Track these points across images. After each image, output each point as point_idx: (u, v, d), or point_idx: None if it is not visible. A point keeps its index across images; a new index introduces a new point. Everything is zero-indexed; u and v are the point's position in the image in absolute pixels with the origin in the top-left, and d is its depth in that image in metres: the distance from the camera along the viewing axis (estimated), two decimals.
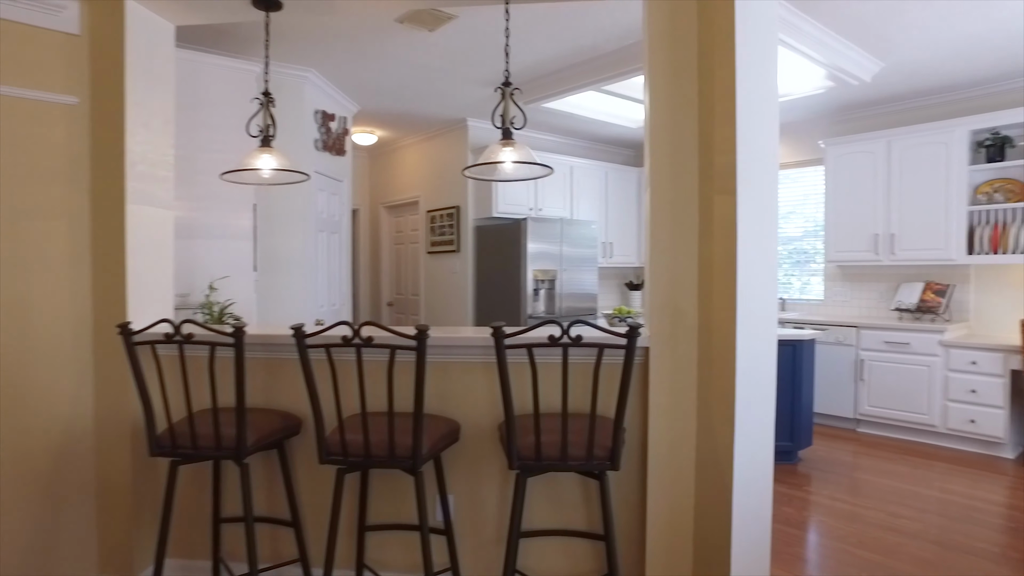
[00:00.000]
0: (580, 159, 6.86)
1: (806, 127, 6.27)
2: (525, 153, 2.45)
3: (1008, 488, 4.08)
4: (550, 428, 2.12)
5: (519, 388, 2.33)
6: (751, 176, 2.24)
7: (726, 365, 2.26)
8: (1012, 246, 4.81)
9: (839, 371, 5.45)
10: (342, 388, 2.23)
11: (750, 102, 2.23)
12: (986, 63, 4.58)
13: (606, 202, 7.12)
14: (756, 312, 2.27)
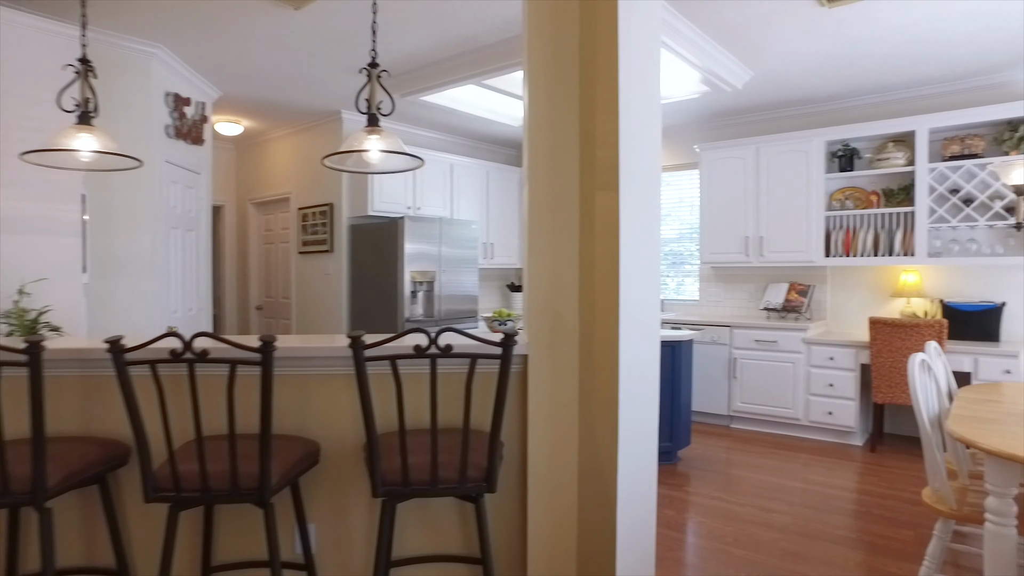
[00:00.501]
0: (461, 157, 6.67)
1: (683, 131, 6.45)
2: (393, 142, 2.21)
3: (858, 474, 4.33)
4: (419, 448, 1.91)
5: (385, 403, 2.09)
6: (634, 171, 2.14)
7: (609, 371, 2.14)
8: (861, 249, 5.16)
9: (714, 369, 5.63)
10: (176, 410, 1.89)
11: (633, 95, 2.13)
12: (838, 80, 4.87)
13: (487, 202, 6.98)
14: (639, 314, 2.18)
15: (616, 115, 2.09)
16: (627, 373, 2.14)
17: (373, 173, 2.60)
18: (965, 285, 5.05)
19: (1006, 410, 2.74)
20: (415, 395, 2.17)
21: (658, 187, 2.25)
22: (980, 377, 4.44)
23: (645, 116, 2.19)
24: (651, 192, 2.21)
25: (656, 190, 2.24)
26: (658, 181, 2.26)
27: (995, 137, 4.83)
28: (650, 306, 2.24)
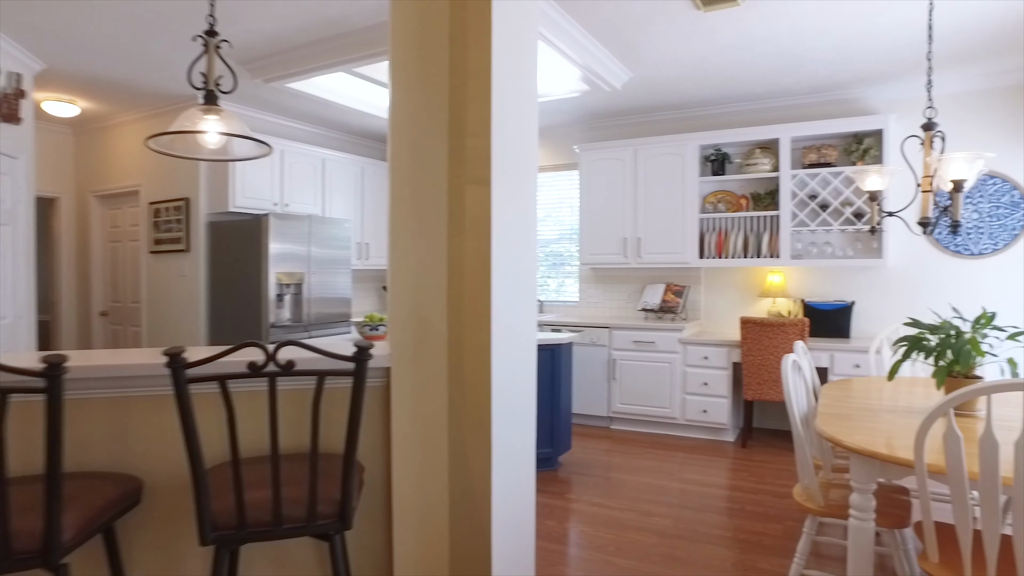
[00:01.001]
0: (334, 152, 6.27)
1: (562, 131, 6.43)
2: (235, 124, 1.90)
3: (731, 470, 4.45)
4: (259, 481, 1.62)
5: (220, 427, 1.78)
6: (508, 164, 1.96)
7: (481, 382, 1.95)
8: (732, 251, 5.34)
9: (593, 371, 5.62)
10: None
11: (507, 80, 1.95)
12: (711, 85, 5.01)
13: (362, 199, 6.62)
14: (514, 319, 2.00)
15: (488, 100, 1.90)
16: (501, 383, 1.96)
17: (206, 160, 2.24)
18: (822, 285, 5.35)
19: (864, 405, 2.83)
20: (257, 416, 1.87)
21: (534, 181, 2.10)
22: (836, 372, 4.70)
23: (521, 104, 2.02)
24: (527, 186, 2.05)
25: (532, 184, 2.08)
26: (534, 175, 2.10)
27: (845, 148, 5.15)
28: (526, 309, 2.07)
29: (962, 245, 4.91)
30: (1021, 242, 4.76)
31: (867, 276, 5.20)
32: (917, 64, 4.50)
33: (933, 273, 5.01)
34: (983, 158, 2.53)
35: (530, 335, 2.12)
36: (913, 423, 2.48)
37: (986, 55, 4.32)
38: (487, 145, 1.92)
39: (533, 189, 2.10)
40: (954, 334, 2.65)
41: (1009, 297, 4.80)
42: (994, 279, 4.84)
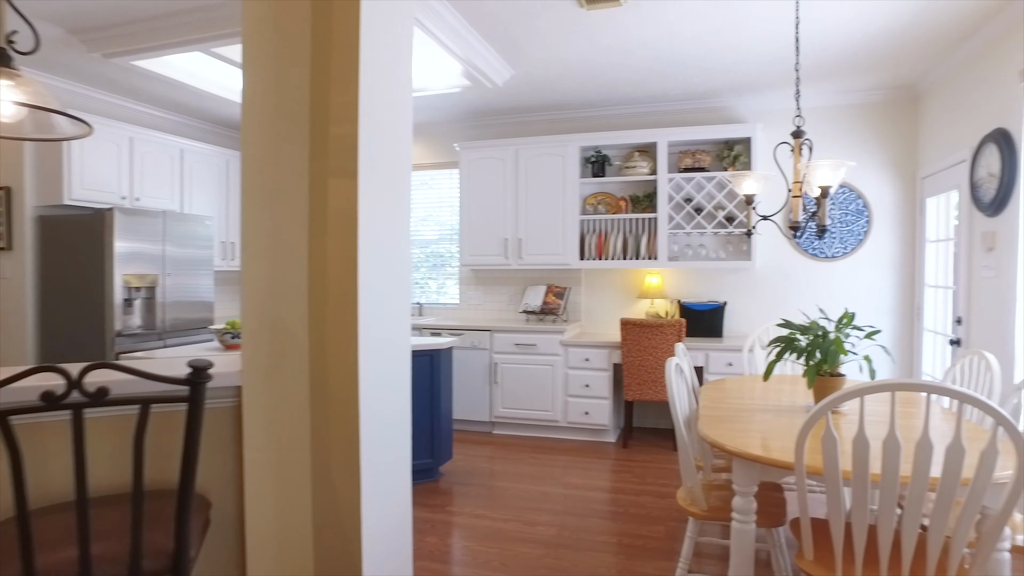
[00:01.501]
0: (195, 142, 5.70)
1: (442, 128, 6.24)
2: (34, 92, 1.55)
3: (613, 472, 4.46)
4: (61, 538, 1.31)
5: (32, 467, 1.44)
6: (378, 154, 1.75)
7: (347, 397, 1.73)
8: (612, 253, 5.39)
9: (475, 375, 5.48)
10: None
11: (377, 58, 1.74)
12: (594, 86, 5.02)
13: (227, 195, 6.08)
14: (385, 327, 1.80)
15: (356, 82, 1.69)
16: (370, 396, 1.75)
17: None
18: (697, 286, 5.53)
19: (741, 405, 2.88)
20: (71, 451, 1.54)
21: (407, 175, 1.90)
22: (710, 371, 4.86)
23: (393, 88, 1.82)
24: (399, 181, 1.85)
25: (405, 178, 1.88)
26: (408, 168, 1.90)
27: (718, 154, 5.36)
28: (398, 315, 1.87)
29: (819, 249, 5.25)
30: (865, 246, 5.15)
31: (737, 277, 5.44)
32: (782, 77, 4.73)
33: (795, 274, 5.32)
34: (846, 166, 2.63)
35: (403, 343, 1.92)
36: (787, 422, 2.54)
37: (840, 74, 4.62)
38: (354, 134, 1.70)
39: (406, 184, 1.90)
40: (822, 334, 2.75)
41: (857, 295, 5.18)
42: (845, 279, 5.20)
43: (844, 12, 3.61)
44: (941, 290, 4.63)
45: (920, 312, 4.92)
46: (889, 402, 1.76)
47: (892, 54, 4.29)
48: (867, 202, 5.13)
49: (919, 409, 2.72)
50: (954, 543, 1.81)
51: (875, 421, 2.48)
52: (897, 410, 2.68)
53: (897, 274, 5.11)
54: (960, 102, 4.25)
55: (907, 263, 5.09)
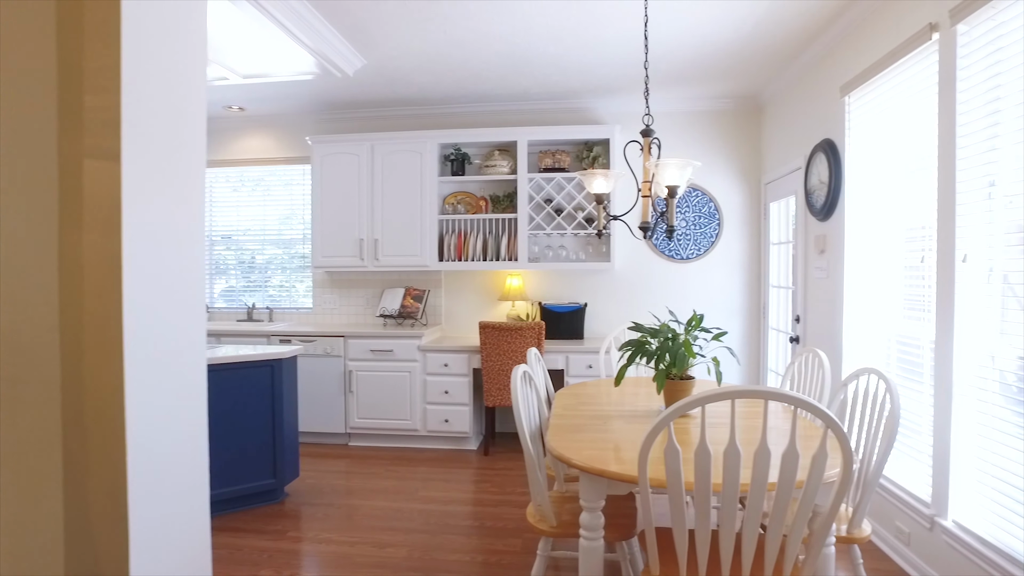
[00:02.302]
0: None
1: (293, 119, 5.79)
2: None
3: (473, 482, 4.29)
4: None
5: None
6: (151, 132, 1.43)
7: (111, 432, 1.39)
8: (472, 254, 5.23)
9: (328, 384, 5.10)
10: None
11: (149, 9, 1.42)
12: (451, 81, 4.82)
13: None
14: (163, 342, 1.48)
15: (118, 39, 1.36)
16: (144, 427, 1.43)
17: None
18: (558, 288, 5.50)
19: (595, 412, 2.79)
20: None
21: (199, 159, 1.59)
22: (571, 373, 4.82)
23: (175, 51, 1.50)
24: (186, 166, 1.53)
25: (195, 164, 1.57)
26: (199, 151, 1.59)
27: (577, 154, 5.36)
28: (188, 325, 1.56)
29: (674, 250, 5.39)
30: (717, 248, 5.35)
31: (597, 279, 5.46)
32: (639, 80, 4.79)
33: (652, 276, 5.42)
34: (692, 165, 2.61)
35: (195, 357, 1.61)
36: (640, 429, 2.46)
37: (692, 82, 4.75)
38: (116, 105, 1.37)
39: (197, 171, 1.58)
40: (671, 337, 2.72)
41: (710, 296, 5.37)
42: (698, 281, 5.38)
43: (693, 19, 3.66)
44: (783, 290, 4.88)
45: (765, 311, 5.18)
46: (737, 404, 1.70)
47: (737, 65, 4.45)
48: (718, 206, 5.34)
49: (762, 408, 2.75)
50: (789, 542, 1.79)
51: (721, 424, 2.47)
52: (741, 411, 2.72)
53: (745, 275, 5.35)
54: (795, 113, 4.50)
55: (754, 265, 5.34)
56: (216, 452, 3.69)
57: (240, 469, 3.71)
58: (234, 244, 5.97)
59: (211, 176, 5.97)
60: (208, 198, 5.97)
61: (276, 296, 5.92)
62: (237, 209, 5.96)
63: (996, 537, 2.42)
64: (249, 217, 5.94)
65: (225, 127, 5.90)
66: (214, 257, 6.00)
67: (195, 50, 1.60)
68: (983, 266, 2.58)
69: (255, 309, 5.84)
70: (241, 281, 5.98)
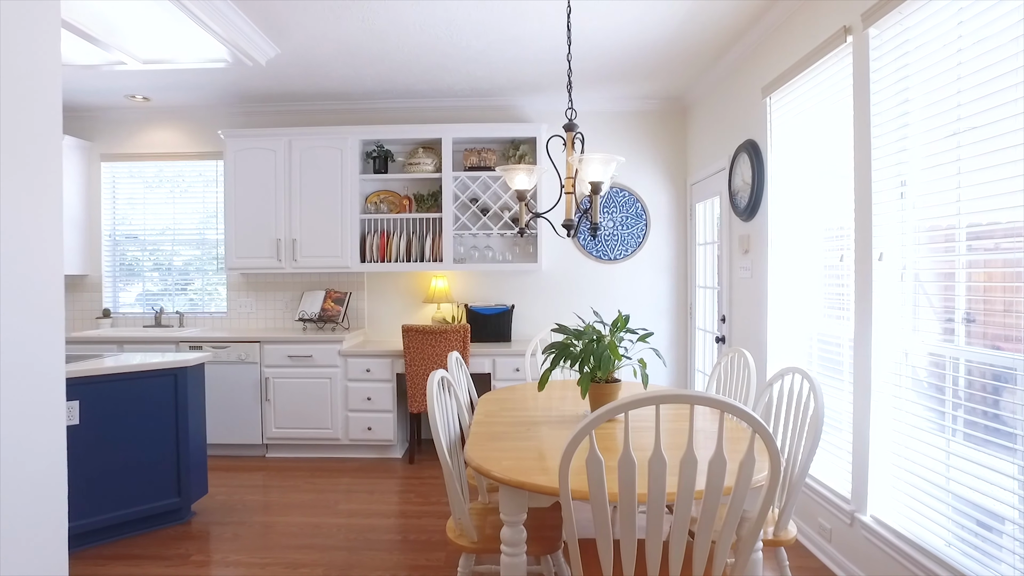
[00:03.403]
0: None
1: (205, 112, 5.44)
2: None
3: (397, 492, 4.11)
4: None
5: None
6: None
7: None
8: (395, 254, 5.04)
9: (243, 393, 4.80)
10: None
11: None
12: (372, 74, 4.62)
13: None
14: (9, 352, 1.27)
15: None
16: None
17: None
18: (484, 290, 5.38)
19: (518, 419, 2.69)
20: None
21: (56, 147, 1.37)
22: (498, 377, 4.71)
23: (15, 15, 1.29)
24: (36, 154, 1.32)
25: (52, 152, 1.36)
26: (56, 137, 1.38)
27: (504, 152, 5.25)
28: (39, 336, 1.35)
29: (602, 251, 5.36)
30: (644, 249, 5.36)
31: (524, 280, 5.38)
32: (564, 78, 4.73)
33: (580, 276, 5.38)
34: (616, 160, 2.54)
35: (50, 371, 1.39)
36: (565, 435, 2.37)
37: (617, 81, 4.73)
38: None
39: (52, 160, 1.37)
40: (595, 339, 2.64)
41: (638, 296, 5.37)
42: (627, 281, 5.37)
43: (618, 17, 3.61)
44: (709, 290, 4.93)
45: (693, 312, 5.22)
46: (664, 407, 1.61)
47: (662, 65, 4.45)
48: (645, 206, 5.34)
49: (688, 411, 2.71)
50: (718, 549, 1.73)
51: (648, 428, 2.40)
52: (668, 414, 2.67)
53: (673, 276, 5.38)
54: (719, 114, 4.54)
55: (681, 265, 5.38)
56: (111, 471, 3.39)
57: (139, 488, 3.41)
58: (145, 244, 5.56)
59: (113, 171, 5.54)
60: (111, 194, 5.54)
61: (197, 301, 5.54)
62: (144, 207, 5.55)
63: (911, 531, 2.46)
64: (159, 215, 5.54)
65: (128, 118, 5.49)
66: (122, 258, 5.57)
67: (46, 27, 1.38)
68: (897, 264, 2.62)
69: (163, 314, 5.46)
70: (158, 285, 5.55)
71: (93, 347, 4.84)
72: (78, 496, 3.22)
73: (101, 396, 3.27)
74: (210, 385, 4.76)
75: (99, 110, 5.46)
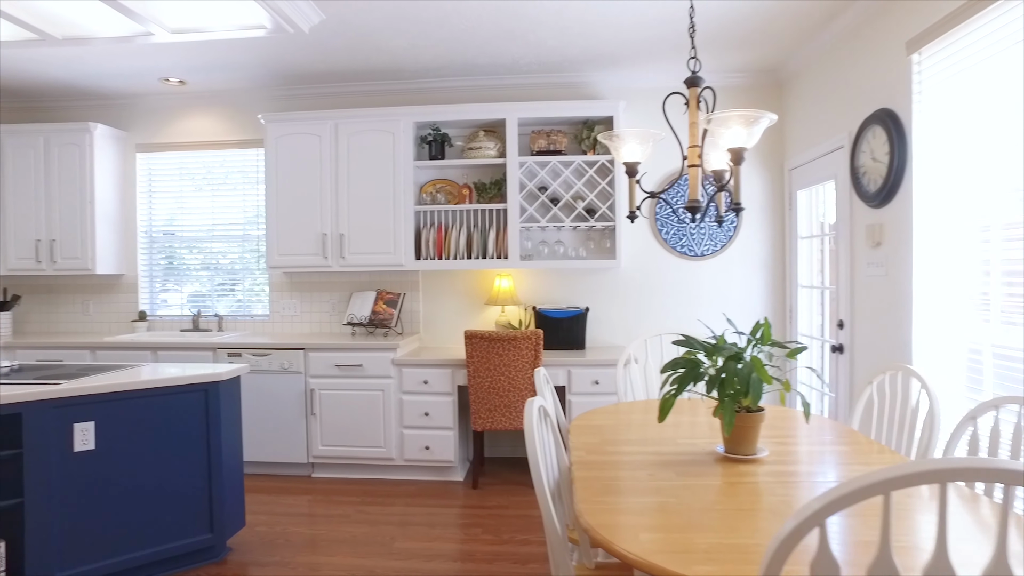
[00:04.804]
0: None
1: (245, 96, 4.98)
2: None
3: (461, 527, 3.54)
4: None
5: None
6: None
7: None
8: (454, 251, 4.48)
9: (286, 405, 4.31)
10: None
11: None
12: (428, 45, 4.06)
13: None
14: None
15: None
16: None
17: None
18: (555, 290, 4.78)
19: (632, 458, 2.07)
20: None
21: None
22: (573, 390, 4.10)
23: None
24: None
25: None
26: None
27: (575, 135, 4.64)
28: None
29: (688, 246, 4.70)
30: (735, 243, 4.68)
31: (599, 279, 4.75)
32: (647, 50, 4.09)
33: (662, 275, 4.73)
34: (765, 118, 1.91)
35: None
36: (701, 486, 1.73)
37: (707, 50, 4.06)
38: None
39: None
40: (735, 355, 2.01)
41: (728, 297, 4.69)
42: (715, 280, 4.70)
43: None
44: (815, 291, 4.22)
45: (794, 315, 4.51)
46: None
47: (758, 30, 3.78)
48: None
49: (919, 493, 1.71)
50: None
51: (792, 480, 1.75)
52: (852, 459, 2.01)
53: (768, 274, 4.68)
54: (834, 83, 3.83)
55: (778, 262, 4.67)
56: (132, 503, 2.90)
57: (166, 523, 2.92)
58: (184, 242, 5.13)
59: (149, 162, 5.13)
60: (147, 187, 5.13)
61: (245, 303, 5.07)
62: (181, 200, 5.12)
63: None
64: (199, 211, 5.10)
65: (163, 105, 5.07)
66: (160, 257, 5.15)
67: None
68: None
69: (201, 316, 5.02)
70: (205, 285, 5.11)
71: (125, 354, 4.42)
72: (94, 535, 2.73)
73: (120, 416, 2.78)
74: (249, 396, 4.29)
75: (134, 97, 5.05)
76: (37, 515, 2.60)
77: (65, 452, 2.66)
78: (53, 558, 2.64)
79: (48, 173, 4.79)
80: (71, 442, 2.67)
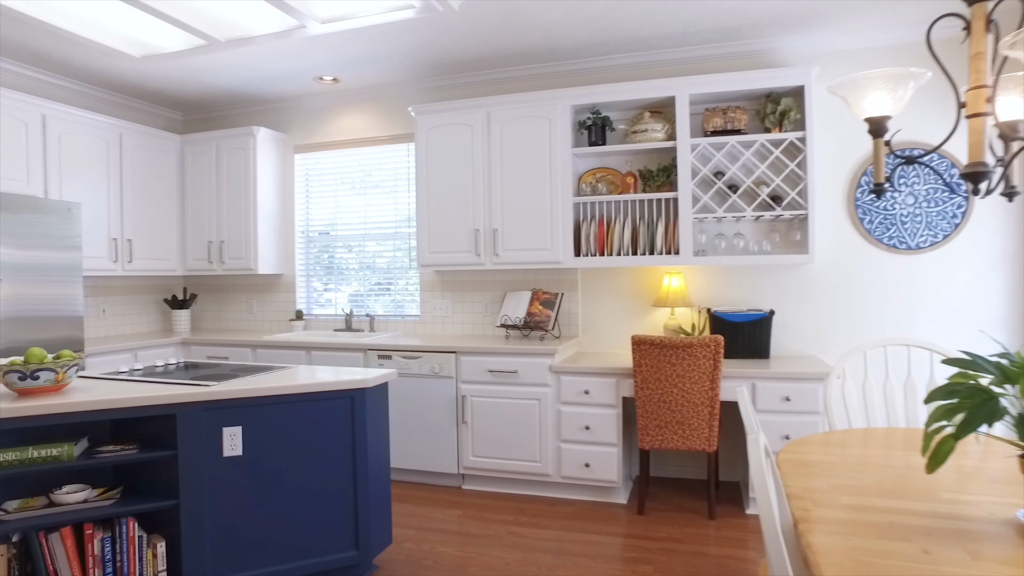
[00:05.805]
0: (70, 108, 4.30)
1: (394, 90, 4.87)
2: None
3: (630, 561, 3.08)
4: None
5: None
6: None
7: None
8: (617, 246, 4.02)
9: (437, 412, 4.08)
10: None
11: None
12: (585, 18, 3.65)
13: (120, 179, 4.69)
14: None
15: None
16: None
17: None
18: (730, 290, 4.17)
19: (883, 515, 1.51)
20: None
21: None
22: (760, 407, 3.48)
23: None
24: None
25: None
26: None
27: (757, 111, 4.00)
28: None
29: (897, 237, 3.89)
30: (961, 233, 3.80)
31: (785, 277, 4.08)
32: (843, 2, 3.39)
33: (861, 272, 3.96)
34: None
35: None
36: None
37: None
38: None
39: None
40: None
41: (949, 299, 3.83)
42: (933, 279, 3.85)
43: None
44: None
45: None
46: None
47: None
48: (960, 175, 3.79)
49: None
50: None
51: None
52: None
53: (1009, 272, 3.75)
54: None
55: (1022, 255, 3.73)
56: (277, 516, 2.74)
57: (310, 538, 2.74)
58: (338, 240, 5.13)
59: (306, 163, 5.19)
60: (304, 188, 5.19)
61: (401, 302, 4.98)
62: (336, 199, 5.12)
63: None
64: (352, 209, 5.08)
65: (318, 105, 5.10)
66: (317, 257, 5.20)
67: None
68: None
69: (353, 316, 4.98)
70: (364, 284, 5.07)
71: (281, 352, 4.45)
72: (239, 544, 2.60)
73: (264, 421, 2.63)
74: (398, 401, 4.13)
75: (292, 99, 5.13)
76: (192, 518, 2.51)
77: (215, 456, 2.55)
78: (206, 563, 2.54)
79: (219, 178, 4.99)
80: (220, 446, 2.55)
